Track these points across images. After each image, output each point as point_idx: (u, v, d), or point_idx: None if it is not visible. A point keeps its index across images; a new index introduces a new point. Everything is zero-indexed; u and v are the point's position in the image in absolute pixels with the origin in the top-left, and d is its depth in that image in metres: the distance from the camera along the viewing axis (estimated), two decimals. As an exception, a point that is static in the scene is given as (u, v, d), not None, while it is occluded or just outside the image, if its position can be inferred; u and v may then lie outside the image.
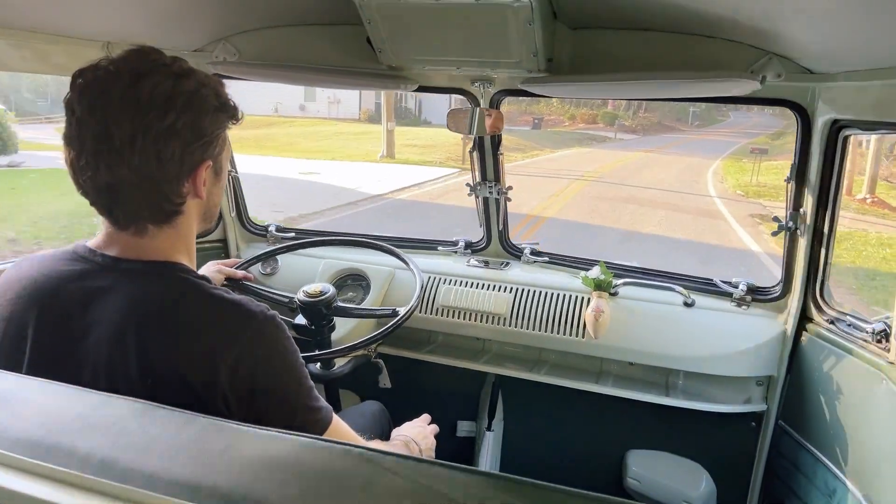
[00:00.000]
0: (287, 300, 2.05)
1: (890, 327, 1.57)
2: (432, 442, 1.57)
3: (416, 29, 1.69)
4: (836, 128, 1.66)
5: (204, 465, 0.77)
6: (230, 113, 1.05)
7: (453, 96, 2.23)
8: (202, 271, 1.93)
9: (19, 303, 1.02)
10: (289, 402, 1.03)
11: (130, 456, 0.78)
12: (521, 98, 2.05)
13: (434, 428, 1.61)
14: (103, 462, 0.76)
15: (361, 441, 1.18)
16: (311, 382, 1.07)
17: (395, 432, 1.55)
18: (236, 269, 2.08)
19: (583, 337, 2.16)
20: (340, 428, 1.10)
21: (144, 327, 0.96)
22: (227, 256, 2.64)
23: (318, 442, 0.86)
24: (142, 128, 0.93)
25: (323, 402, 1.08)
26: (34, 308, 1.01)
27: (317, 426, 1.05)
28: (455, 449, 2.53)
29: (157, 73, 0.95)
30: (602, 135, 32.66)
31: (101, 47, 1.83)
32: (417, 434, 1.53)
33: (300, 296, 1.97)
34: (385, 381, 2.08)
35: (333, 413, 1.09)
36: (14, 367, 1.01)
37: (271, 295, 2.11)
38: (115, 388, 0.95)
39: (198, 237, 2.56)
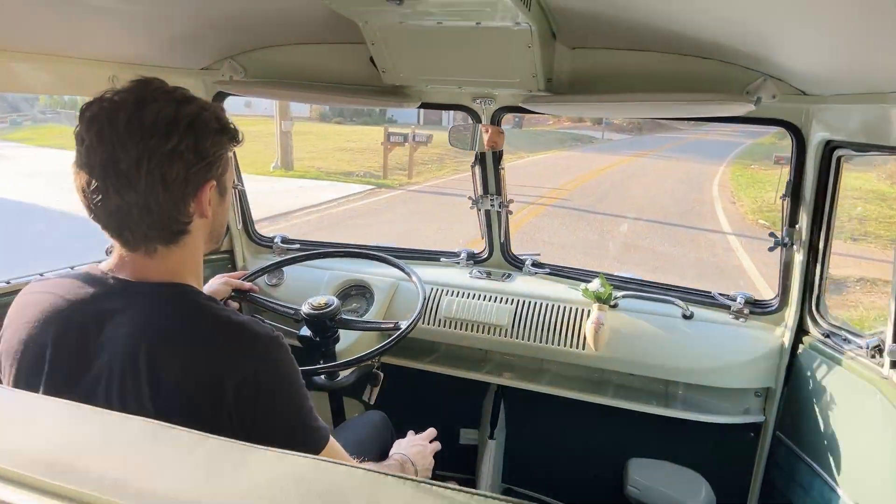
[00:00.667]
0: (293, 312, 2.09)
1: (884, 342, 1.60)
2: (430, 462, 1.60)
3: (418, 50, 1.73)
4: (829, 148, 1.70)
5: (214, 486, 0.81)
6: (230, 135, 1.09)
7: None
8: (210, 283, 1.98)
9: (37, 325, 1.06)
10: (290, 421, 1.07)
11: (143, 476, 0.81)
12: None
13: (435, 447, 1.64)
14: (116, 482, 0.80)
15: (353, 461, 1.21)
16: (311, 403, 1.11)
17: (395, 448, 1.58)
18: (243, 281, 2.12)
19: (583, 348, 2.20)
20: (335, 448, 1.15)
21: (154, 349, 0.99)
22: (234, 267, 2.69)
23: (322, 462, 0.90)
24: (146, 152, 0.97)
25: (321, 422, 1.12)
26: (51, 330, 1.05)
27: (316, 445, 1.09)
28: (458, 457, 2.56)
29: (160, 100, 0.99)
30: (588, 134, 29.87)
31: (111, 69, 1.88)
32: (416, 454, 1.56)
33: (306, 308, 2.01)
34: (371, 397, 2.10)
35: (329, 433, 1.14)
36: (33, 386, 1.05)
37: (277, 307, 2.15)
38: (126, 407, 1.00)
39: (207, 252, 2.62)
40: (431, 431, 1.68)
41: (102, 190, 0.98)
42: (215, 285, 2.00)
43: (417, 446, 1.60)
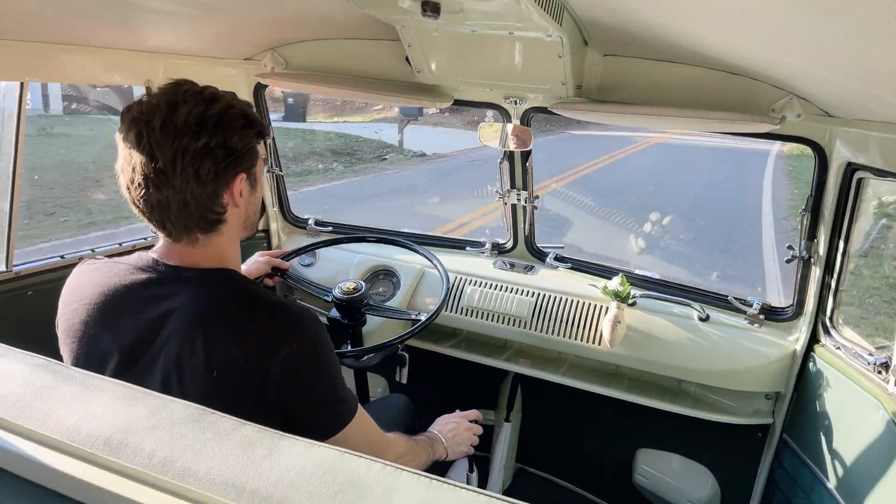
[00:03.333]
0: (324, 294, 2.21)
1: (891, 359, 1.64)
2: (464, 440, 1.65)
3: (452, 54, 1.79)
4: (850, 169, 1.71)
5: (247, 469, 0.92)
6: (257, 129, 1.18)
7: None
8: (251, 259, 2.09)
9: (96, 307, 1.16)
10: (327, 392, 1.18)
11: (187, 457, 0.93)
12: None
13: (474, 428, 1.70)
14: (164, 461, 0.91)
15: (380, 431, 1.34)
16: (342, 375, 1.22)
17: (434, 425, 1.66)
18: (281, 260, 2.23)
19: (599, 344, 2.27)
20: (363, 417, 1.26)
21: (209, 330, 1.10)
22: (269, 245, 2.82)
23: (346, 455, 1.00)
24: (180, 151, 1.06)
25: (351, 393, 1.24)
26: (109, 312, 1.16)
27: (345, 415, 1.20)
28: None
29: (189, 102, 1.08)
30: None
31: (162, 60, 1.98)
32: (448, 431, 1.63)
33: (336, 292, 2.12)
34: (403, 377, 2.22)
35: (359, 403, 1.25)
36: (93, 365, 1.16)
37: (311, 289, 2.27)
38: (184, 385, 1.11)
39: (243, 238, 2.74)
40: (473, 413, 1.73)
41: (144, 187, 1.08)
42: (256, 262, 2.10)
43: (451, 423, 1.66)
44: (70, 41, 1.74)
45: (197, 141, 1.06)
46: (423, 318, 2.11)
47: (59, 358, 1.23)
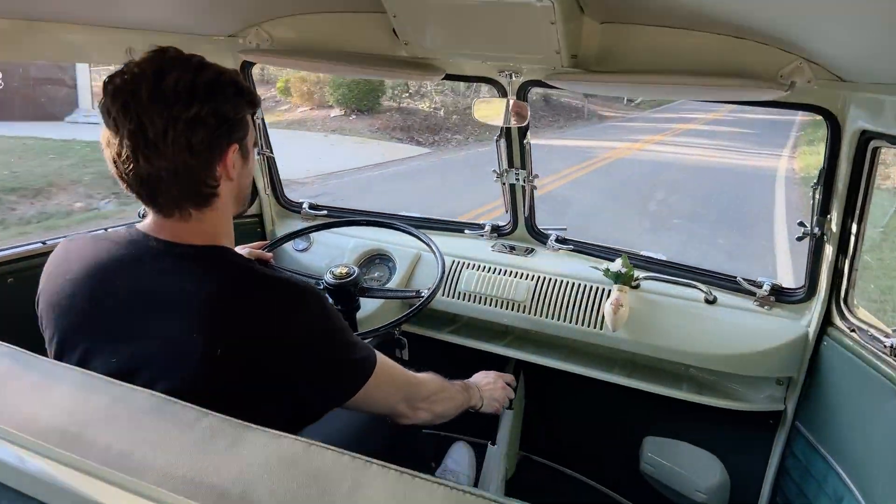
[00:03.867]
0: (314, 282, 2.14)
1: None
2: (500, 393, 1.78)
3: (439, 24, 1.70)
4: (864, 138, 1.61)
5: (208, 462, 0.86)
6: (248, 98, 1.13)
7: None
8: None
9: (84, 280, 1.12)
10: (342, 354, 1.18)
11: (144, 450, 0.87)
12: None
13: (509, 379, 1.83)
14: (121, 454, 0.85)
15: (407, 372, 1.38)
16: (352, 333, 1.21)
17: (471, 378, 1.76)
18: (263, 251, 2.16)
19: (602, 328, 2.19)
20: (385, 363, 1.27)
21: (210, 309, 1.06)
22: (263, 231, 2.75)
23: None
24: (171, 120, 1.01)
25: (367, 349, 1.23)
26: (98, 286, 1.11)
27: (368, 367, 1.21)
28: (478, 423, 2.62)
29: (178, 68, 1.03)
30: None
31: (139, 36, 1.90)
32: (485, 385, 1.74)
33: (328, 277, 2.05)
34: (404, 356, 2.17)
35: (377, 353, 1.25)
36: (80, 341, 1.12)
37: (302, 275, 2.21)
38: (181, 359, 1.07)
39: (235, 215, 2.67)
40: (509, 376, 1.85)
41: (133, 159, 1.03)
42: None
43: (489, 378, 1.78)
44: (44, 17, 1.67)
45: (188, 109, 1.02)
46: (424, 294, 2.08)
47: (41, 346, 1.18)
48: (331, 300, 2.08)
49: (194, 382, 1.05)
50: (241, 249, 2.07)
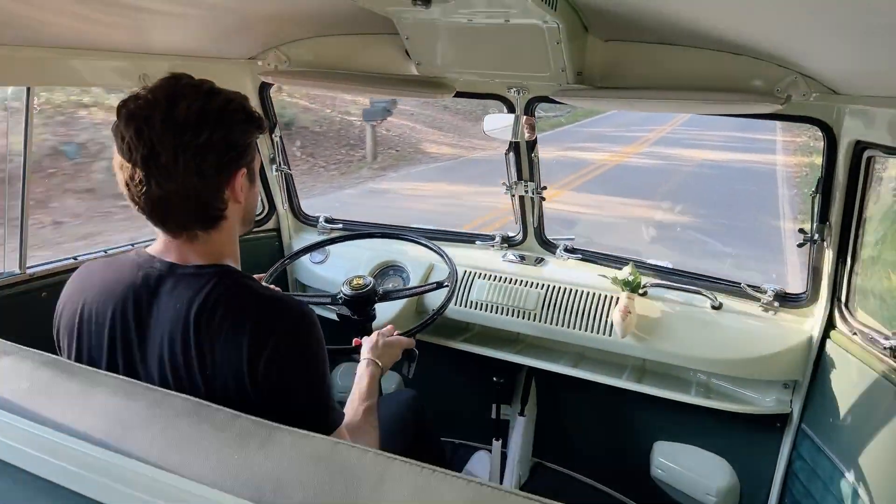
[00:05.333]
0: (330, 299, 2.20)
1: None
2: (394, 352, 1.70)
3: (449, 44, 1.78)
4: (859, 148, 1.67)
5: (242, 460, 0.92)
6: (256, 124, 1.17)
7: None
8: None
9: (97, 305, 1.17)
10: (311, 395, 1.16)
11: (182, 450, 0.94)
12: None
13: (387, 336, 1.72)
14: (161, 453, 0.92)
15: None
16: (331, 383, 1.19)
17: (360, 366, 1.60)
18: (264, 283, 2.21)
19: (611, 335, 2.24)
20: (344, 433, 1.21)
21: (201, 325, 1.09)
22: (281, 244, 2.84)
23: (339, 444, 1.00)
24: (182, 146, 1.05)
25: (336, 404, 1.20)
26: (109, 310, 1.16)
27: (329, 426, 1.17)
28: (491, 430, 2.67)
29: (189, 96, 1.07)
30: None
31: (167, 61, 2.00)
32: (371, 353, 1.61)
33: (344, 288, 2.12)
34: (409, 372, 2.21)
35: (343, 419, 1.22)
36: (95, 361, 1.17)
37: (320, 287, 2.27)
38: (179, 378, 1.11)
39: (255, 226, 2.74)
40: (387, 328, 1.79)
41: (146, 183, 1.07)
42: None
43: (370, 343, 1.66)
44: (74, 45, 1.77)
45: (199, 136, 1.06)
46: (445, 283, 2.14)
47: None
48: (348, 310, 2.15)
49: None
50: None
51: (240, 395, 1.09)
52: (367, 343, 1.68)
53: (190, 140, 1.06)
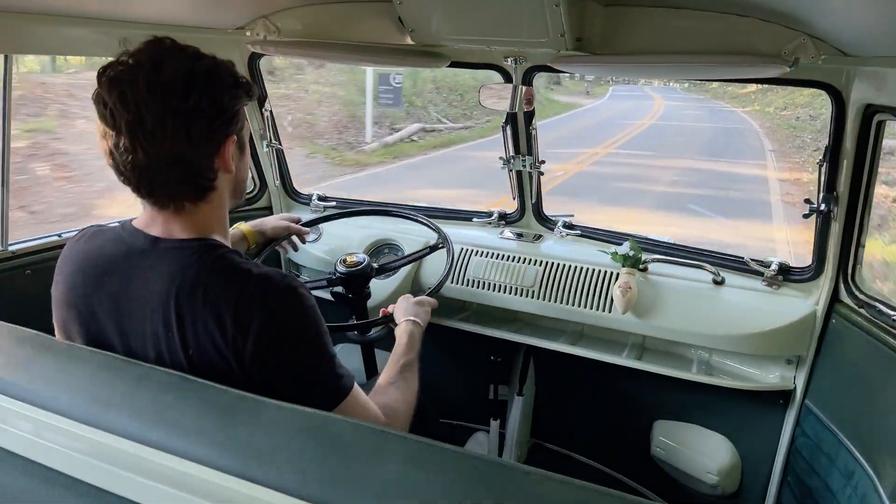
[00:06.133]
0: (328, 268, 2.15)
1: None
2: (425, 310, 1.73)
3: (444, 10, 1.72)
4: (869, 112, 1.61)
5: (229, 434, 0.88)
6: (245, 89, 1.12)
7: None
8: (273, 218, 2.03)
9: (81, 279, 1.14)
10: (310, 369, 1.11)
11: (167, 425, 0.89)
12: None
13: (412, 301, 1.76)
14: (143, 429, 0.88)
15: (377, 410, 1.22)
16: (334, 351, 1.14)
17: (399, 318, 1.67)
18: (300, 226, 2.13)
19: (611, 312, 2.20)
20: (359, 396, 1.18)
21: (183, 301, 1.05)
22: None
23: (330, 417, 0.96)
24: (170, 110, 1.00)
25: (344, 370, 1.15)
26: (87, 285, 1.13)
27: (337, 393, 1.13)
28: (489, 410, 2.64)
29: (175, 58, 1.03)
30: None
31: (150, 30, 1.92)
32: (410, 314, 1.66)
33: (339, 266, 2.07)
34: None
35: (354, 381, 1.17)
36: (80, 335, 1.14)
37: (314, 265, 2.22)
38: (161, 357, 1.07)
39: (246, 205, 2.69)
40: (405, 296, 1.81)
41: (131, 150, 1.02)
42: (273, 223, 2.02)
43: (401, 307, 1.73)
44: (53, 11, 1.70)
45: (187, 100, 1.01)
46: (440, 245, 2.17)
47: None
48: (342, 288, 2.10)
49: None
50: (282, 218, 2.07)
51: (226, 374, 1.05)
52: (399, 308, 1.73)
53: (178, 104, 1.01)
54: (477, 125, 15.21)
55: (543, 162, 2.37)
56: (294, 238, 2.09)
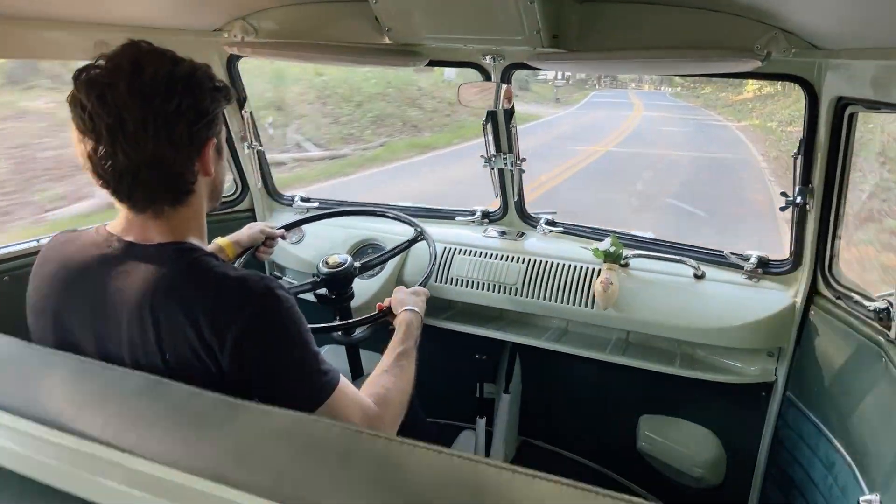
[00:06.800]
0: (311, 270, 2.15)
1: (892, 305, 1.57)
2: (422, 299, 1.77)
3: (420, 8, 1.72)
4: (841, 104, 1.63)
5: (202, 438, 0.88)
6: (223, 92, 1.12)
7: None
8: (244, 228, 2.02)
9: (53, 284, 1.12)
10: (293, 369, 1.10)
11: (139, 429, 0.89)
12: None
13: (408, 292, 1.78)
14: (116, 433, 0.87)
15: (365, 407, 1.20)
16: (316, 349, 1.13)
17: (398, 310, 1.68)
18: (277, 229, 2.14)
19: (593, 307, 2.21)
20: (347, 389, 1.16)
21: (158, 305, 1.04)
22: None
23: (305, 418, 0.95)
24: (151, 113, 0.99)
25: (329, 366, 1.14)
26: (61, 290, 1.11)
27: (324, 389, 1.11)
28: (476, 409, 2.64)
29: (155, 61, 1.02)
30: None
31: (129, 33, 1.90)
32: (409, 303, 1.69)
33: (321, 267, 2.07)
34: None
35: (340, 376, 1.15)
36: (53, 341, 1.12)
37: (297, 267, 2.21)
38: (137, 362, 1.06)
39: (228, 207, 2.67)
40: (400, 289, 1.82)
41: (111, 154, 1.00)
42: (251, 232, 2.02)
43: (399, 297, 1.74)
44: (25, 15, 1.68)
45: (169, 102, 1.01)
46: (422, 234, 2.20)
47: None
48: (325, 289, 2.09)
49: None
50: (257, 225, 2.06)
51: (205, 377, 1.04)
52: (395, 300, 1.74)
53: (160, 106, 1.00)
54: (368, 149, 11.13)
55: (524, 160, 2.38)
56: (271, 241, 2.09)
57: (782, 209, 1.90)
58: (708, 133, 17.02)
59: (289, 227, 2.35)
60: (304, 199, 2.77)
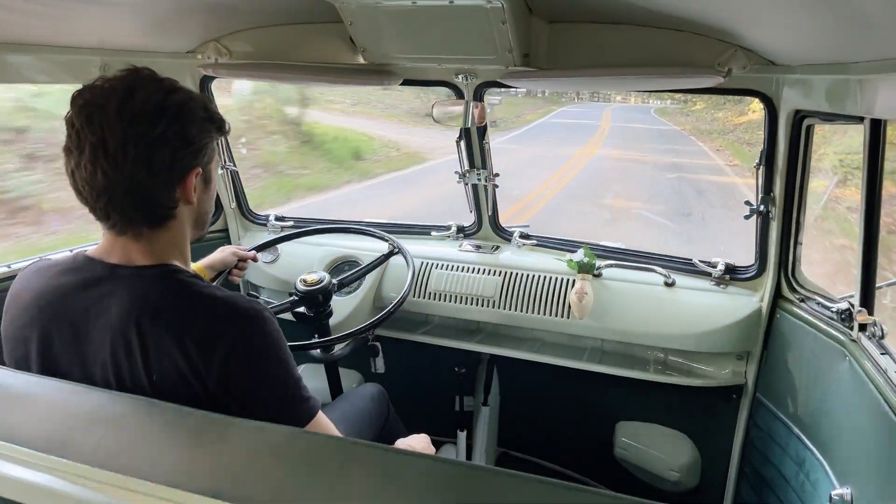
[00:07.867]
0: (288, 289, 2.15)
1: (853, 306, 1.65)
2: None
3: (394, 29, 1.76)
4: (798, 117, 1.72)
5: (196, 455, 0.88)
6: (217, 124, 1.13)
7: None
8: (216, 252, 2.02)
9: (33, 311, 1.11)
10: (276, 394, 1.11)
11: (131, 450, 0.89)
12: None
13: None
14: (108, 455, 0.87)
15: (336, 433, 1.24)
16: (298, 374, 1.15)
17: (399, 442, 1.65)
18: (249, 251, 2.14)
19: (569, 317, 2.26)
20: (322, 420, 1.19)
21: (144, 327, 1.04)
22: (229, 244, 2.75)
23: (297, 432, 0.97)
24: (133, 136, 1.01)
25: (310, 394, 1.16)
26: (45, 315, 1.10)
27: (303, 416, 1.14)
28: (455, 422, 2.65)
29: (148, 87, 1.04)
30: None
31: (100, 56, 1.90)
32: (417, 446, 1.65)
33: (299, 285, 2.07)
34: (379, 366, 2.19)
35: (319, 405, 1.18)
36: (36, 369, 1.11)
37: (274, 286, 2.22)
38: (122, 383, 1.06)
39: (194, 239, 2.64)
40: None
41: (90, 171, 1.02)
42: (222, 255, 2.03)
43: (411, 442, 1.68)
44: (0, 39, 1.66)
45: (154, 128, 1.02)
46: (396, 241, 2.26)
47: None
48: (304, 308, 2.10)
49: None
50: (228, 249, 2.06)
51: (192, 398, 1.04)
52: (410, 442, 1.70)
53: (143, 131, 1.02)
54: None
55: (497, 175, 2.43)
56: (243, 263, 2.10)
57: (746, 217, 1.98)
58: (690, 185, 10.97)
59: (261, 248, 2.35)
60: (278, 219, 2.77)
